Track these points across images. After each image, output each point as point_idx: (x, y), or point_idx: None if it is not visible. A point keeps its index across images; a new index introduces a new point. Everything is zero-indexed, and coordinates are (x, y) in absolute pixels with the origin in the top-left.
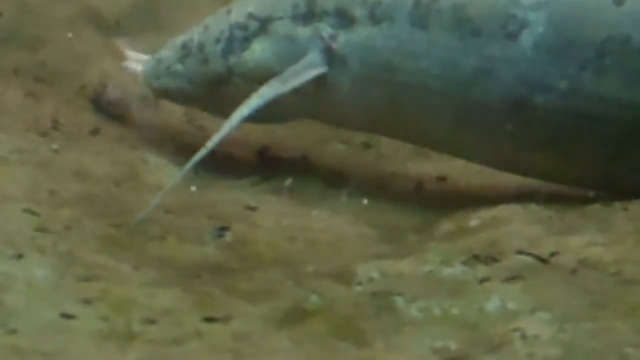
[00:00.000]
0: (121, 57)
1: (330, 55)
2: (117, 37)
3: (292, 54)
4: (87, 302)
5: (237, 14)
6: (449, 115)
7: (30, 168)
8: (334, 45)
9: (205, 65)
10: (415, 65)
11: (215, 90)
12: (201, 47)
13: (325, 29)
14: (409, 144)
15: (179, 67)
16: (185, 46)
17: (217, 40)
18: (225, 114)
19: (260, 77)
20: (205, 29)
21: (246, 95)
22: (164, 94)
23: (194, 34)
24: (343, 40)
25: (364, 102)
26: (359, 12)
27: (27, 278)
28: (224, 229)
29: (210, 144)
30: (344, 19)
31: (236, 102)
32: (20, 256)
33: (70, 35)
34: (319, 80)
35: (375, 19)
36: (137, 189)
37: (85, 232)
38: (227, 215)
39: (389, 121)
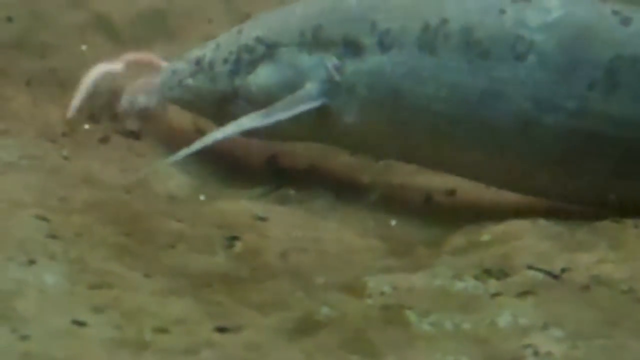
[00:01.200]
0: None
1: (333, 86)
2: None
3: (294, 82)
4: (98, 309)
5: (247, 36)
6: (457, 137)
7: (40, 174)
8: (337, 77)
9: (214, 84)
10: (424, 89)
11: (222, 108)
12: (212, 65)
13: (331, 59)
14: (418, 165)
15: (190, 81)
16: (198, 62)
17: (225, 61)
18: None
19: (262, 101)
20: (217, 47)
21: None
22: (175, 103)
23: (207, 51)
24: (351, 69)
25: (373, 128)
26: (367, 40)
27: (38, 284)
28: (234, 238)
29: (180, 155)
30: (352, 48)
31: None
32: (31, 262)
33: (84, 48)
34: (322, 110)
35: (384, 46)
36: (147, 197)
37: (96, 239)
38: (236, 225)
39: (397, 145)
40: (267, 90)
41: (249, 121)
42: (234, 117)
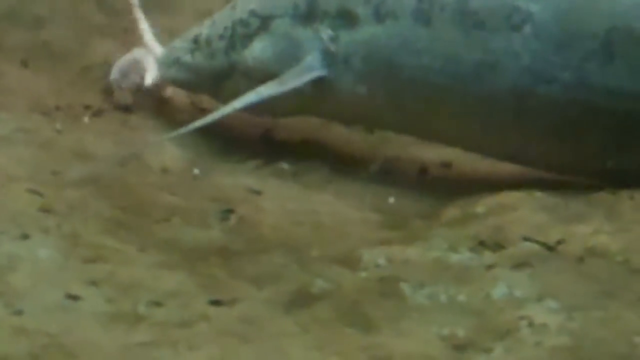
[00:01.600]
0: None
1: (330, 57)
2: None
3: (291, 54)
4: (92, 283)
5: (241, 10)
6: (453, 109)
7: (33, 148)
8: (333, 48)
9: (211, 60)
10: (419, 61)
11: (220, 84)
12: (209, 42)
13: (326, 30)
14: (413, 137)
15: (187, 58)
16: (196, 40)
17: (221, 37)
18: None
19: (259, 75)
20: (213, 24)
21: (247, 91)
22: (173, 82)
23: (203, 29)
24: (346, 40)
25: (367, 99)
26: (362, 11)
27: (32, 259)
28: (228, 211)
29: (197, 123)
30: (347, 19)
31: (239, 96)
32: (25, 236)
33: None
34: (318, 81)
35: (379, 17)
36: (140, 170)
37: (90, 213)
38: (231, 199)
39: (392, 117)
40: (263, 63)
41: (267, 89)
42: (232, 93)
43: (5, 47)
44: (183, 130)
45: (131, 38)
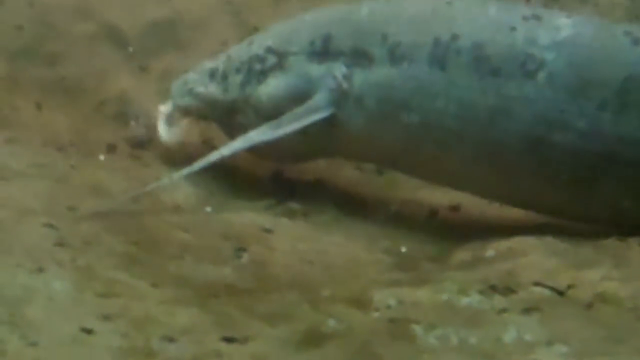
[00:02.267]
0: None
1: (341, 95)
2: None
3: (302, 91)
4: (106, 317)
5: (258, 46)
6: (466, 154)
7: (48, 182)
8: (345, 86)
9: (225, 93)
10: (433, 105)
11: (231, 117)
12: (225, 75)
13: (340, 68)
14: (425, 180)
15: (202, 89)
16: (212, 73)
17: (238, 70)
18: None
19: (271, 111)
20: (229, 59)
21: (258, 126)
22: (185, 110)
23: (219, 63)
24: (360, 79)
25: (380, 140)
26: (377, 52)
27: (47, 291)
28: (240, 249)
29: (187, 171)
30: (362, 59)
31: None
32: (40, 269)
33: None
34: (330, 118)
35: (394, 59)
36: (154, 207)
37: (104, 247)
38: (243, 237)
39: (403, 159)
40: (276, 99)
41: (258, 135)
42: (242, 127)
43: (21, 83)
44: (187, 170)
45: (146, 75)
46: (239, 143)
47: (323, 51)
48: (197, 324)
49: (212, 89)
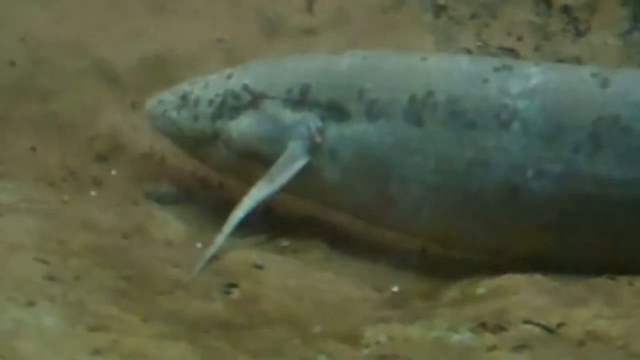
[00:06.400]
0: None
1: (314, 146)
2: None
3: (275, 137)
4: (97, 352)
5: (235, 82)
6: (444, 207)
7: (39, 217)
8: (319, 139)
9: (195, 122)
10: (411, 160)
11: (201, 147)
12: (197, 103)
13: (315, 120)
14: (403, 234)
15: (174, 114)
16: (185, 97)
17: (211, 102)
18: (208, 166)
19: (241, 148)
20: (206, 86)
21: (227, 159)
22: (161, 133)
23: (195, 88)
24: (334, 132)
25: (355, 193)
26: (354, 107)
27: (37, 325)
28: (231, 285)
29: (213, 249)
30: (338, 112)
31: (218, 162)
32: (31, 303)
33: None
34: (304, 168)
35: (371, 115)
36: (144, 242)
37: (94, 282)
38: (234, 273)
39: (381, 213)
40: (247, 138)
41: (259, 192)
42: (210, 158)
43: (13, 119)
44: (204, 259)
45: (137, 111)
46: (247, 204)
47: (300, 100)
48: (187, 359)
49: (183, 115)
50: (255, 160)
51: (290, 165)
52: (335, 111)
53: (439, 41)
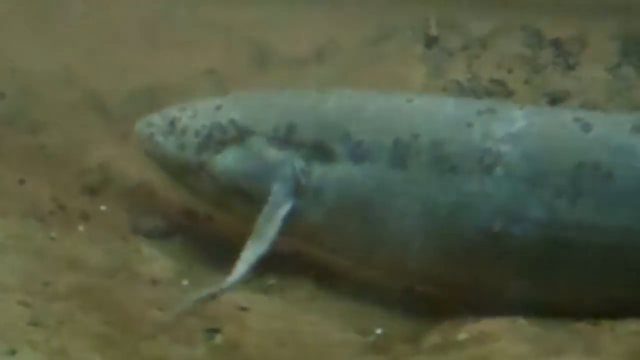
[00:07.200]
0: None
1: (299, 187)
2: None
3: (260, 174)
4: None
5: (223, 114)
6: (428, 250)
7: (26, 256)
8: (303, 180)
9: (181, 151)
10: (394, 202)
11: (185, 176)
12: (184, 132)
13: (299, 160)
14: (386, 277)
15: (161, 139)
16: (173, 123)
17: (197, 133)
18: (192, 195)
19: (224, 182)
20: (194, 115)
21: (211, 191)
22: (147, 156)
23: (183, 115)
24: (319, 173)
25: (339, 234)
26: (339, 148)
27: None
28: (214, 330)
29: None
30: (323, 153)
31: (201, 193)
32: (12, 352)
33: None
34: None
35: (356, 157)
36: (130, 280)
37: (78, 327)
38: (217, 316)
39: (364, 254)
40: (231, 173)
41: (253, 253)
42: (194, 188)
43: (2, 151)
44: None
45: (128, 143)
46: (242, 267)
47: (285, 138)
48: None
49: (170, 141)
50: (238, 195)
51: (275, 214)
52: (320, 151)
53: (430, 73)
